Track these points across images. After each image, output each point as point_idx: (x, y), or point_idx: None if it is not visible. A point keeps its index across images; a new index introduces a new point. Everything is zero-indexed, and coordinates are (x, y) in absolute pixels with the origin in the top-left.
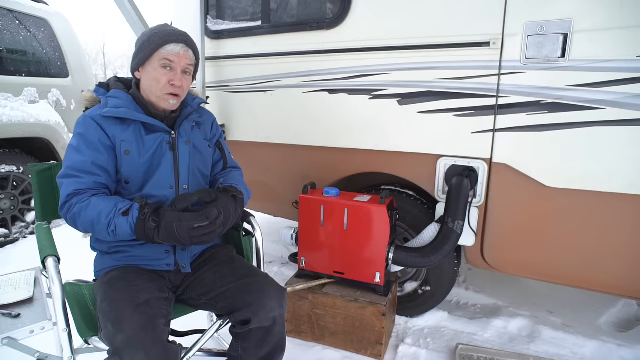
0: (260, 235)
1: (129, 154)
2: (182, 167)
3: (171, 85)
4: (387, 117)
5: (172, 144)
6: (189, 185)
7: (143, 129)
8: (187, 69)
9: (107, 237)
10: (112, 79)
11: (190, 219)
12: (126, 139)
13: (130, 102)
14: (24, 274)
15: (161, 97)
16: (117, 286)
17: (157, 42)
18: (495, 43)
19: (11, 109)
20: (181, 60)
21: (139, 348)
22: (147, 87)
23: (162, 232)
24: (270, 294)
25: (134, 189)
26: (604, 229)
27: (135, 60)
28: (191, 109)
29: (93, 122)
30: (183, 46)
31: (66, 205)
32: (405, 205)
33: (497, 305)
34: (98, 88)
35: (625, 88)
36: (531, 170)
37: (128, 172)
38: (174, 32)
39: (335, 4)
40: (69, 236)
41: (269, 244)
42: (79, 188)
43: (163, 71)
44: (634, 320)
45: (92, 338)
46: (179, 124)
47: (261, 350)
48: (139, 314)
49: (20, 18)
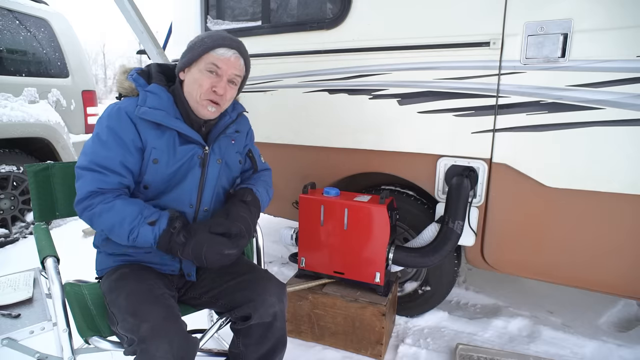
0: (260, 235)
1: (157, 163)
2: (207, 188)
3: (213, 91)
4: (387, 117)
5: (203, 161)
6: (209, 208)
7: (178, 137)
8: (234, 79)
9: (125, 242)
10: (153, 67)
11: (221, 244)
12: (158, 147)
13: (170, 103)
14: (24, 274)
15: (200, 103)
16: (131, 280)
17: (209, 44)
18: (495, 43)
19: (11, 109)
20: (229, 68)
21: (164, 337)
22: (188, 89)
23: (188, 250)
24: (270, 290)
25: (151, 195)
26: (604, 229)
27: (183, 59)
28: (229, 119)
29: (129, 120)
30: (235, 52)
31: (85, 202)
32: (405, 205)
33: (497, 305)
34: (138, 77)
35: (625, 88)
36: (531, 170)
37: (151, 179)
38: (227, 37)
39: (335, 4)
40: (68, 236)
41: (269, 244)
42: (103, 187)
43: (208, 75)
44: (634, 320)
45: (92, 338)
46: (214, 136)
47: (262, 346)
48: (159, 306)
49: (20, 18)
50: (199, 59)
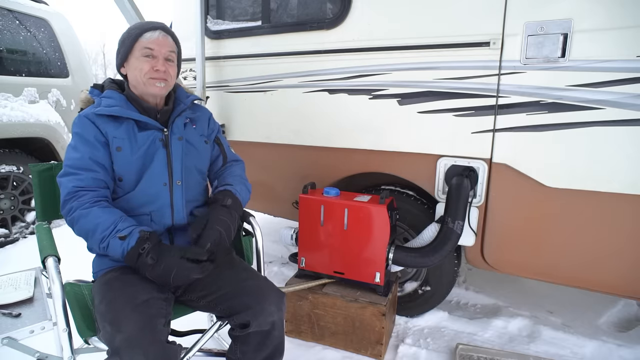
0: (260, 235)
1: (121, 151)
2: (175, 164)
3: (155, 70)
4: (387, 117)
5: (165, 141)
6: (182, 182)
7: (136, 126)
8: (169, 55)
9: (97, 250)
10: (106, 81)
11: (190, 270)
12: (118, 136)
13: (123, 101)
14: (24, 273)
15: (147, 82)
16: (115, 286)
17: (136, 33)
18: (495, 43)
19: (11, 109)
20: (161, 47)
21: (138, 348)
22: (133, 79)
23: (157, 272)
24: (269, 298)
25: (127, 186)
26: (604, 229)
27: (119, 56)
28: (184, 106)
29: (87, 120)
30: (161, 32)
31: (67, 206)
32: (405, 205)
33: (497, 305)
34: (92, 89)
35: (625, 88)
36: (531, 170)
37: (121, 169)
38: (150, 22)
39: (335, 4)
40: (69, 236)
41: (269, 244)
42: (78, 185)
43: (145, 59)
44: (634, 320)
45: (92, 338)
46: (171, 120)
47: (260, 354)
48: (138, 314)
49: (20, 18)
50: (132, 49)
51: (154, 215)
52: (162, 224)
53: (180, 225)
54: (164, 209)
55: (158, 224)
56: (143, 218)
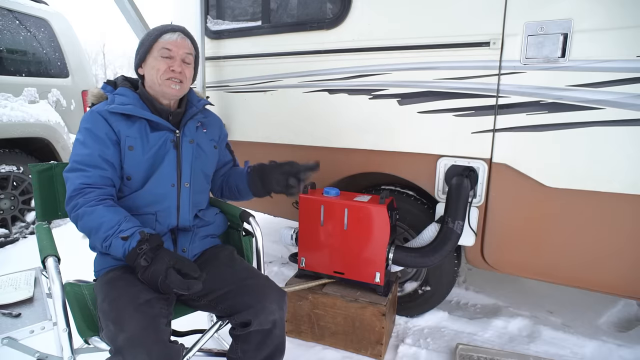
0: (260, 235)
1: (133, 150)
2: (184, 166)
3: (171, 71)
4: (387, 117)
5: (176, 143)
6: (190, 184)
7: (148, 126)
8: (187, 57)
9: (100, 248)
10: (119, 78)
11: (174, 283)
12: (131, 135)
13: (136, 100)
14: (24, 273)
15: (163, 83)
16: (117, 285)
17: (155, 34)
18: (495, 43)
19: (11, 109)
20: (179, 48)
21: (141, 347)
22: (149, 78)
23: (147, 275)
24: (270, 297)
25: (135, 185)
26: (604, 229)
27: (137, 56)
28: (196, 109)
29: (100, 117)
30: (180, 34)
31: (72, 202)
32: (405, 205)
33: (497, 305)
34: (106, 85)
35: (625, 88)
36: (531, 170)
37: (131, 168)
38: (170, 24)
39: (335, 4)
40: (69, 236)
41: (269, 244)
42: (85, 182)
43: (162, 60)
44: (634, 320)
45: (92, 338)
46: (183, 123)
47: (260, 353)
48: (140, 314)
49: (20, 18)
50: (151, 49)
51: (160, 215)
52: (167, 224)
53: (184, 226)
54: (170, 210)
55: (163, 225)
56: (148, 217)
